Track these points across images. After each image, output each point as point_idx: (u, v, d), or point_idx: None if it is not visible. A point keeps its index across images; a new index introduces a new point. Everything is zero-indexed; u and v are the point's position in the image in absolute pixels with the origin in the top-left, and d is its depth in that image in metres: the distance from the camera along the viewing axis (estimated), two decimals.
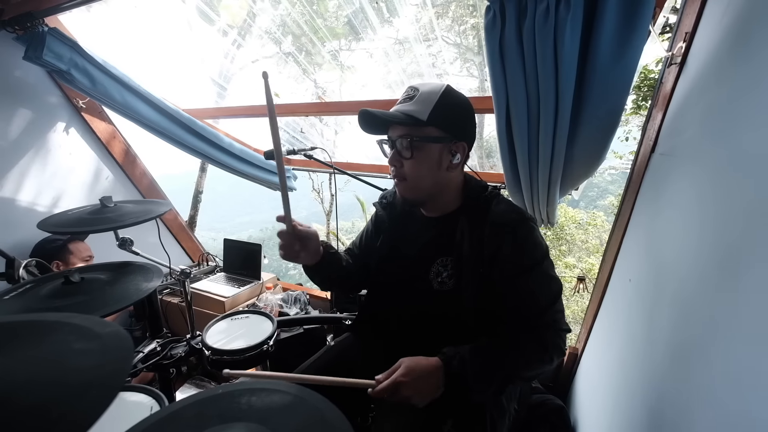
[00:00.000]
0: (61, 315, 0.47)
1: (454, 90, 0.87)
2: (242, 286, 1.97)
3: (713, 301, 0.57)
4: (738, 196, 0.56)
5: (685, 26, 0.94)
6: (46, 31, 1.40)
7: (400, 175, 0.89)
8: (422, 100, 0.84)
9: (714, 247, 0.60)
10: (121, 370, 0.38)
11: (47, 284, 0.96)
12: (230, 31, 2.46)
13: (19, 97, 1.65)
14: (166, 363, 1.24)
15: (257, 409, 0.55)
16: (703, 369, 0.57)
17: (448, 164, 0.87)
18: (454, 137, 0.86)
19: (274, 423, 0.52)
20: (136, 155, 2.09)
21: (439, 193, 0.91)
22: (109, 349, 0.41)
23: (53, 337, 0.43)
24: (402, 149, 0.86)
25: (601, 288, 1.36)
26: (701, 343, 0.59)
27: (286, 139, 2.31)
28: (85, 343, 0.42)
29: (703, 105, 0.80)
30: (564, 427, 1.41)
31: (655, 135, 1.06)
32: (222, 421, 0.52)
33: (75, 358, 0.40)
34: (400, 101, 0.88)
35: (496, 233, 0.83)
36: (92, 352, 0.40)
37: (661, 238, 0.89)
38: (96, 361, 0.39)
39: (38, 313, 0.85)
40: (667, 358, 0.72)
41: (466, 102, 0.90)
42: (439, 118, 0.83)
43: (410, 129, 0.85)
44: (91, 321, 0.46)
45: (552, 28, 0.85)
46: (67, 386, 0.36)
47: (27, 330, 0.44)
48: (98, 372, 0.38)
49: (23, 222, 1.68)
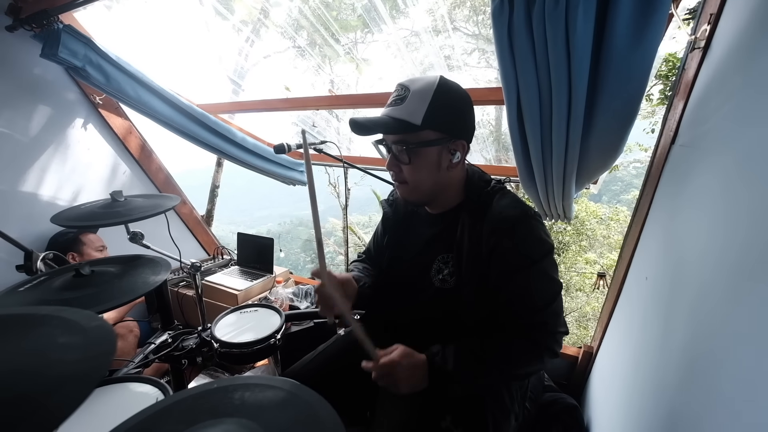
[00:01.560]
0: (53, 309, 0.48)
1: (448, 82, 0.81)
2: (255, 279, 1.99)
3: (736, 308, 0.53)
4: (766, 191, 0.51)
5: (710, 7, 0.87)
6: (61, 28, 1.43)
7: (400, 179, 0.87)
8: (414, 101, 0.78)
9: (739, 248, 0.55)
10: (101, 364, 0.38)
11: (60, 277, 0.99)
12: (244, 28, 2.47)
13: (39, 94, 1.70)
14: (178, 354, 1.27)
15: (250, 404, 0.54)
16: (719, 379, 0.53)
17: (448, 164, 0.84)
18: (452, 136, 0.82)
19: (266, 419, 0.52)
20: (152, 150, 2.14)
21: (441, 191, 0.89)
22: (92, 344, 0.41)
23: (40, 330, 0.43)
24: (399, 154, 0.83)
25: (618, 285, 1.31)
26: (719, 353, 0.55)
27: (296, 132, 2.31)
28: (69, 337, 0.42)
29: (727, 92, 0.74)
30: (577, 426, 1.37)
31: (675, 125, 1.00)
32: (213, 416, 0.52)
33: (58, 352, 0.40)
34: (390, 103, 0.82)
35: (494, 230, 0.80)
36: (75, 346, 0.41)
37: (682, 235, 0.84)
38: (78, 355, 0.39)
39: (39, 306, 0.87)
40: (682, 365, 0.68)
41: (462, 96, 0.84)
42: (435, 119, 0.78)
43: (405, 135, 0.80)
44: (80, 315, 0.46)
45: (563, 12, 0.80)
46: (47, 378, 0.36)
47: (17, 323, 0.44)
48: (78, 366, 0.38)
49: (44, 216, 1.74)
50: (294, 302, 1.78)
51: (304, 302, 1.78)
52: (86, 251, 1.73)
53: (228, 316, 1.29)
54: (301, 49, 2.88)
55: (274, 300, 1.78)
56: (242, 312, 1.32)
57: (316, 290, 0.86)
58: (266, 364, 1.75)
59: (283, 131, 2.77)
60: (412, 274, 0.96)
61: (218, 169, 3.32)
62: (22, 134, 1.68)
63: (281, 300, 1.78)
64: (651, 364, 0.85)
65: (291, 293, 1.82)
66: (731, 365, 0.51)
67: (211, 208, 3.36)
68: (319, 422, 0.52)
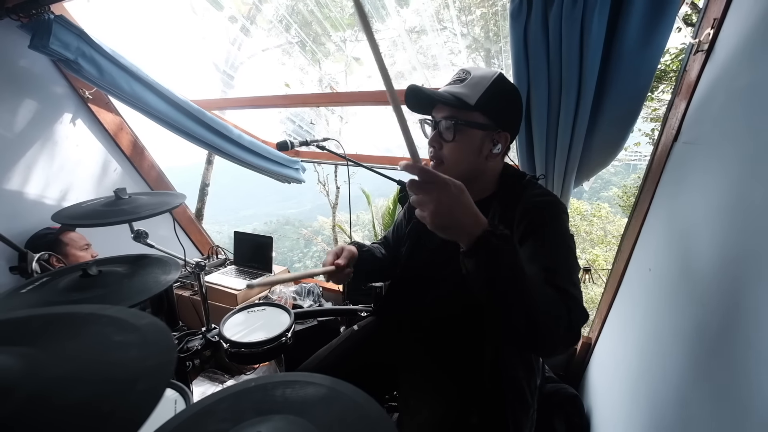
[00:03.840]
0: (95, 306, 0.46)
1: (506, 78, 0.85)
2: (254, 279, 1.96)
3: (742, 296, 0.56)
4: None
5: (713, 12, 0.91)
6: (52, 18, 1.37)
7: (438, 158, 0.87)
8: (473, 84, 0.81)
9: (743, 240, 0.58)
10: (166, 361, 0.37)
11: (64, 277, 0.96)
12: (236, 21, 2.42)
13: (25, 87, 1.62)
14: (183, 356, 1.24)
15: (293, 401, 0.54)
16: (728, 367, 0.56)
17: (488, 153, 0.85)
18: (498, 126, 0.84)
19: (313, 415, 0.51)
20: (144, 147, 2.07)
21: (475, 179, 0.88)
22: (149, 341, 0.40)
23: (90, 329, 0.42)
24: (444, 131, 0.84)
25: (617, 277, 1.35)
26: (727, 341, 0.58)
27: (292, 129, 2.28)
28: (124, 336, 0.41)
29: (731, 93, 0.78)
30: (578, 415, 1.41)
31: (678, 124, 1.04)
32: (258, 414, 0.52)
33: (116, 351, 0.39)
34: (449, 82, 0.86)
35: (527, 211, 0.80)
36: (133, 345, 0.40)
37: (686, 226, 0.88)
38: (138, 354, 0.38)
39: (65, 305, 0.84)
40: (691, 352, 0.71)
41: (516, 92, 0.87)
42: (488, 104, 0.81)
43: (456, 111, 0.82)
44: (126, 312, 0.45)
45: (580, 14, 0.83)
46: (113, 380, 0.35)
47: (62, 322, 0.43)
48: (143, 364, 0.37)
49: (32, 214, 1.67)
50: (297, 300, 1.76)
51: (307, 300, 1.77)
52: (70, 252, 1.64)
53: (236, 315, 1.27)
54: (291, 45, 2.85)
55: (278, 299, 1.76)
56: (250, 311, 1.30)
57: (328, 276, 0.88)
58: (267, 366, 1.74)
59: (275, 127, 2.74)
60: (434, 263, 0.96)
61: (208, 166, 3.23)
62: (6, 129, 1.59)
63: (284, 299, 1.76)
64: (659, 350, 0.89)
65: (294, 292, 1.80)
66: (739, 351, 0.53)
67: (201, 206, 3.28)
68: (365, 415, 0.52)
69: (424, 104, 0.88)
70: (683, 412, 0.70)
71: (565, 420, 1.42)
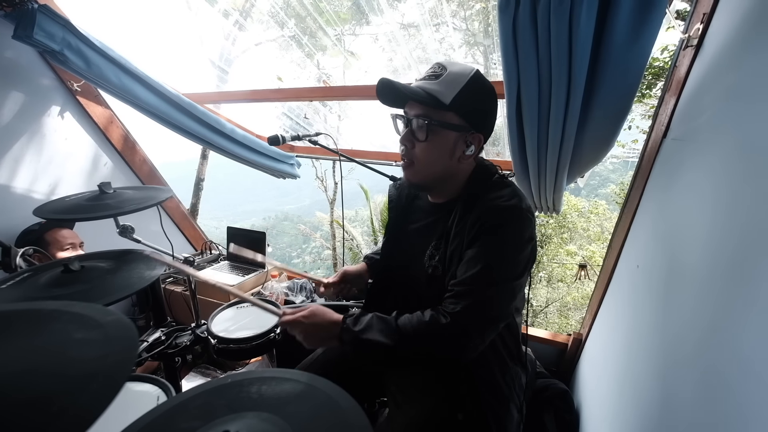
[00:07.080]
0: (61, 303, 0.45)
1: (482, 76, 0.82)
2: (247, 274, 1.95)
3: (729, 293, 0.55)
4: (756, 182, 0.53)
5: (703, 7, 0.90)
6: (36, 8, 1.34)
7: (409, 157, 0.85)
8: (448, 81, 0.78)
9: (730, 237, 0.58)
10: (126, 360, 0.36)
11: (46, 273, 0.94)
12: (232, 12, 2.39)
13: (11, 79, 1.59)
14: (171, 352, 1.23)
15: (268, 398, 0.53)
16: (714, 359, 0.55)
17: (460, 155, 0.83)
18: (472, 127, 0.82)
19: (287, 412, 0.51)
20: (135, 141, 2.05)
21: (445, 180, 0.88)
22: (112, 339, 0.39)
23: (52, 326, 0.41)
24: (417, 129, 0.82)
25: (608, 274, 1.35)
26: (713, 334, 0.58)
27: (289, 125, 2.26)
28: (86, 333, 0.40)
29: (720, 89, 0.77)
30: (568, 410, 1.42)
31: (667, 120, 1.03)
32: (231, 411, 0.51)
33: (76, 348, 0.38)
34: (423, 77, 0.82)
35: (479, 220, 0.78)
36: (94, 342, 0.39)
37: (674, 223, 0.87)
38: (99, 352, 0.37)
39: (36, 301, 0.83)
40: (676, 346, 0.71)
41: (492, 92, 0.85)
42: (463, 104, 0.79)
43: (430, 110, 0.80)
44: (93, 309, 0.44)
45: (568, 7, 0.82)
46: (69, 377, 0.34)
47: (24, 319, 0.42)
48: (102, 362, 0.36)
49: (19, 209, 1.64)
50: (289, 296, 1.76)
51: (299, 296, 1.76)
52: (50, 251, 1.59)
53: (225, 311, 1.26)
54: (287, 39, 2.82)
55: (270, 295, 1.75)
56: (239, 307, 1.29)
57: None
58: (260, 361, 1.73)
59: (270, 122, 2.72)
60: (408, 259, 0.96)
61: (203, 161, 3.21)
62: None
63: (276, 294, 1.76)
64: (645, 347, 0.89)
65: (286, 287, 1.80)
66: (725, 343, 0.53)
67: (195, 202, 3.26)
68: (341, 412, 0.51)
69: (396, 99, 0.86)
70: (668, 407, 0.70)
71: (555, 415, 1.42)
